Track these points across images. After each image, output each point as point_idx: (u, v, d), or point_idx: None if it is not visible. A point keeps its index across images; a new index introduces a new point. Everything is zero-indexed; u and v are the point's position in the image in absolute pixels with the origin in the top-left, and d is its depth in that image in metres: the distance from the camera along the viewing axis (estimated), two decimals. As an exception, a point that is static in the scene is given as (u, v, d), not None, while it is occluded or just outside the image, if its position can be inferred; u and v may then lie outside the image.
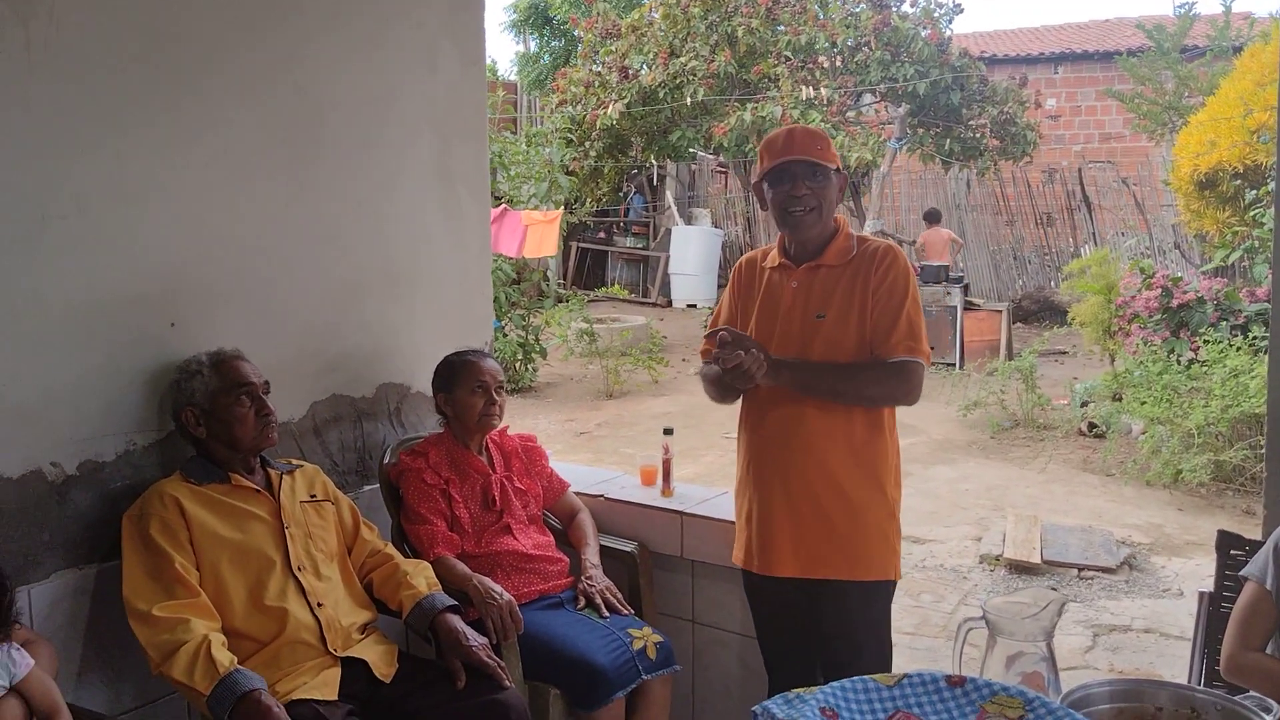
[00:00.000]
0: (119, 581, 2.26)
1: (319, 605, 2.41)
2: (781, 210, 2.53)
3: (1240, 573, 2.25)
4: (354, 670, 2.38)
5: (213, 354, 2.48)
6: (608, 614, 2.80)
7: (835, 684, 1.39)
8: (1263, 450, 6.38)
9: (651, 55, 12.90)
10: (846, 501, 2.50)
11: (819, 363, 2.50)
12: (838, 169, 2.54)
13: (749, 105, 12.12)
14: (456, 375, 2.92)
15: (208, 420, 2.43)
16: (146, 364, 2.46)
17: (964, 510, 6.54)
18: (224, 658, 2.14)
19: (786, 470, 2.53)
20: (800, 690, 1.39)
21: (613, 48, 13.42)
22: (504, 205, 10.82)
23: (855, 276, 2.53)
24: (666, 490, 3.22)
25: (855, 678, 1.42)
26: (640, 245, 17.34)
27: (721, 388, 2.61)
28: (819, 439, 2.50)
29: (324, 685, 2.30)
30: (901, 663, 2.66)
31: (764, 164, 2.54)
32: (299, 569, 2.42)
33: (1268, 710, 1.41)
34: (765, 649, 2.76)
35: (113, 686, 2.41)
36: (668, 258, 16.34)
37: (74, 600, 2.34)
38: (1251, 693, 1.73)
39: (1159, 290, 8.22)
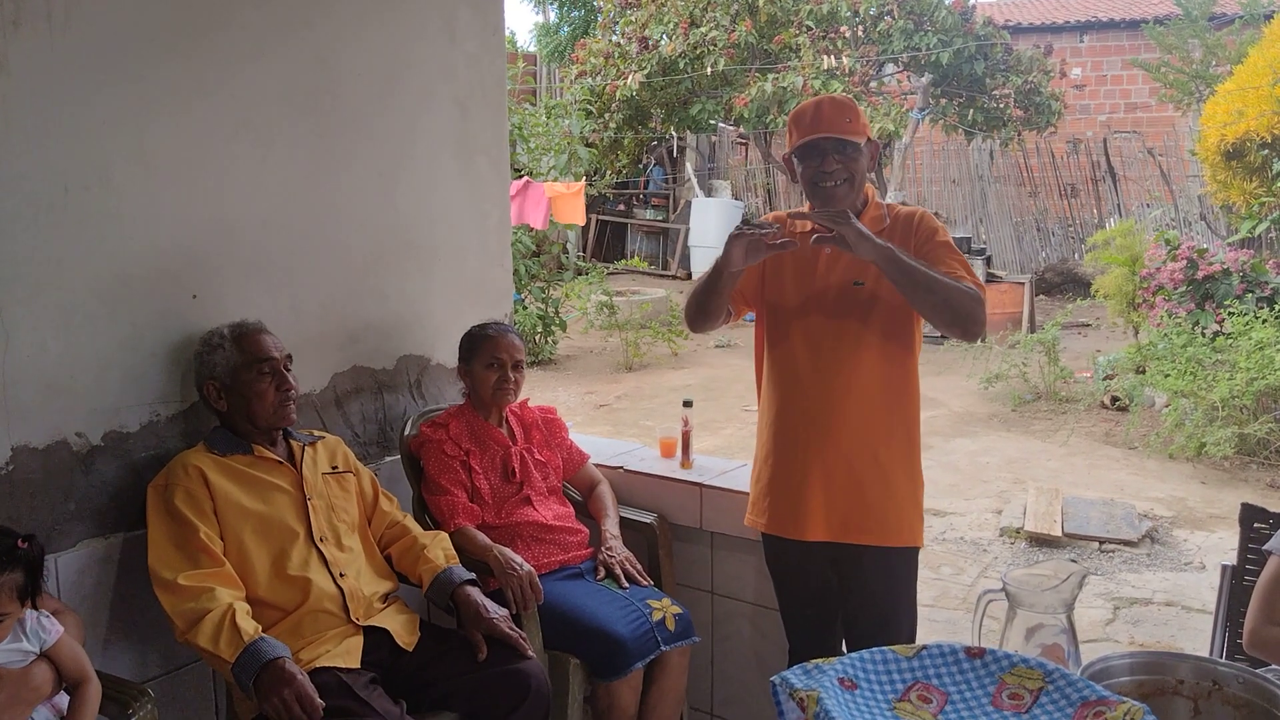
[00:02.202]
0: (144, 550, 2.29)
1: (341, 575, 2.43)
2: (812, 184, 2.50)
3: (1264, 547, 2.23)
4: (376, 639, 2.41)
5: (235, 326, 2.49)
6: (627, 585, 2.82)
7: (854, 655, 1.40)
8: (1288, 423, 6.35)
9: (671, 25, 12.79)
10: (879, 467, 2.50)
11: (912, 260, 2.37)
12: (868, 139, 2.50)
13: (770, 76, 12.02)
14: (475, 348, 2.93)
15: (228, 394, 2.45)
16: (169, 336, 2.48)
17: (984, 483, 6.52)
18: (248, 626, 2.17)
19: (820, 435, 2.51)
20: (819, 661, 1.39)
21: (632, 18, 13.33)
22: (526, 178, 10.80)
23: (890, 241, 2.46)
24: (686, 462, 3.22)
25: (874, 648, 1.42)
26: (660, 217, 17.28)
27: (709, 293, 2.52)
28: (852, 404, 2.49)
29: (347, 653, 2.33)
30: (921, 634, 2.66)
31: (793, 139, 2.51)
32: (321, 540, 2.44)
33: (1290, 683, 1.40)
34: (787, 616, 2.76)
35: (139, 653, 2.44)
36: (688, 230, 16.28)
37: (100, 569, 2.37)
38: (1274, 666, 1.73)
39: (1184, 262, 8.14)
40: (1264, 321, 7.14)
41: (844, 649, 2.64)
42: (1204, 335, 7.56)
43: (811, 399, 2.53)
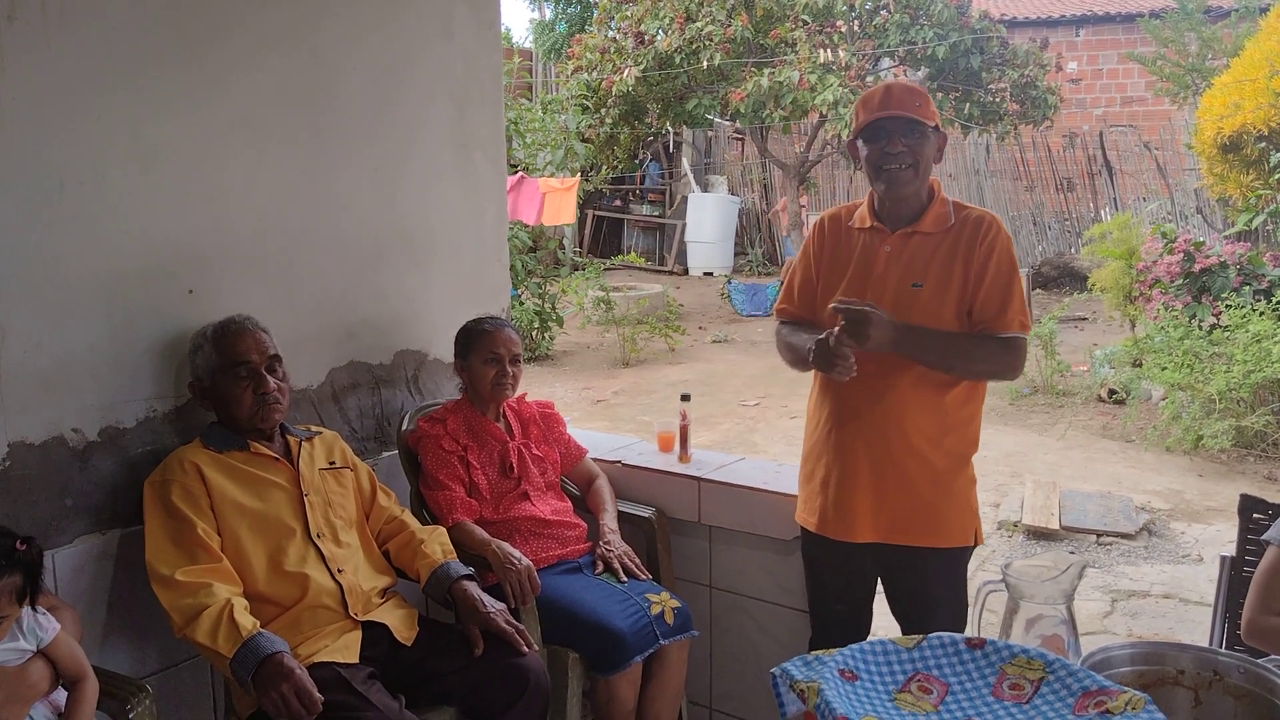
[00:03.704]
0: (142, 546, 2.28)
1: (339, 571, 2.43)
2: (875, 167, 2.43)
3: (1262, 537, 2.24)
4: (375, 634, 2.40)
5: (218, 326, 2.46)
6: (626, 579, 2.82)
7: (854, 646, 1.40)
8: (1285, 416, 6.35)
9: (667, 20, 12.76)
10: (932, 470, 2.45)
11: (936, 331, 2.40)
12: (936, 127, 2.43)
13: (766, 70, 12.01)
14: (472, 344, 2.93)
15: (210, 396, 2.45)
16: (165, 332, 2.47)
17: (983, 477, 6.46)
18: (246, 621, 2.16)
19: (872, 437, 2.46)
20: (819, 652, 1.39)
21: (628, 13, 13.30)
22: (520, 173, 10.79)
23: (956, 246, 2.44)
24: (684, 456, 3.22)
25: (874, 639, 1.42)
26: (656, 213, 17.28)
27: (801, 355, 2.52)
28: (908, 406, 2.44)
29: (345, 648, 2.32)
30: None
31: (859, 119, 2.44)
32: (318, 536, 2.44)
33: (1290, 673, 1.40)
34: (817, 610, 2.73)
35: (137, 649, 2.44)
36: (684, 225, 16.28)
37: (97, 564, 2.37)
38: (1273, 656, 1.73)
39: (1181, 255, 8.14)
40: (1261, 314, 7.14)
41: None
42: (1201, 328, 7.57)
43: (866, 399, 2.47)
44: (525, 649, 2.44)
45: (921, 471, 2.46)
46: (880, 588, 2.66)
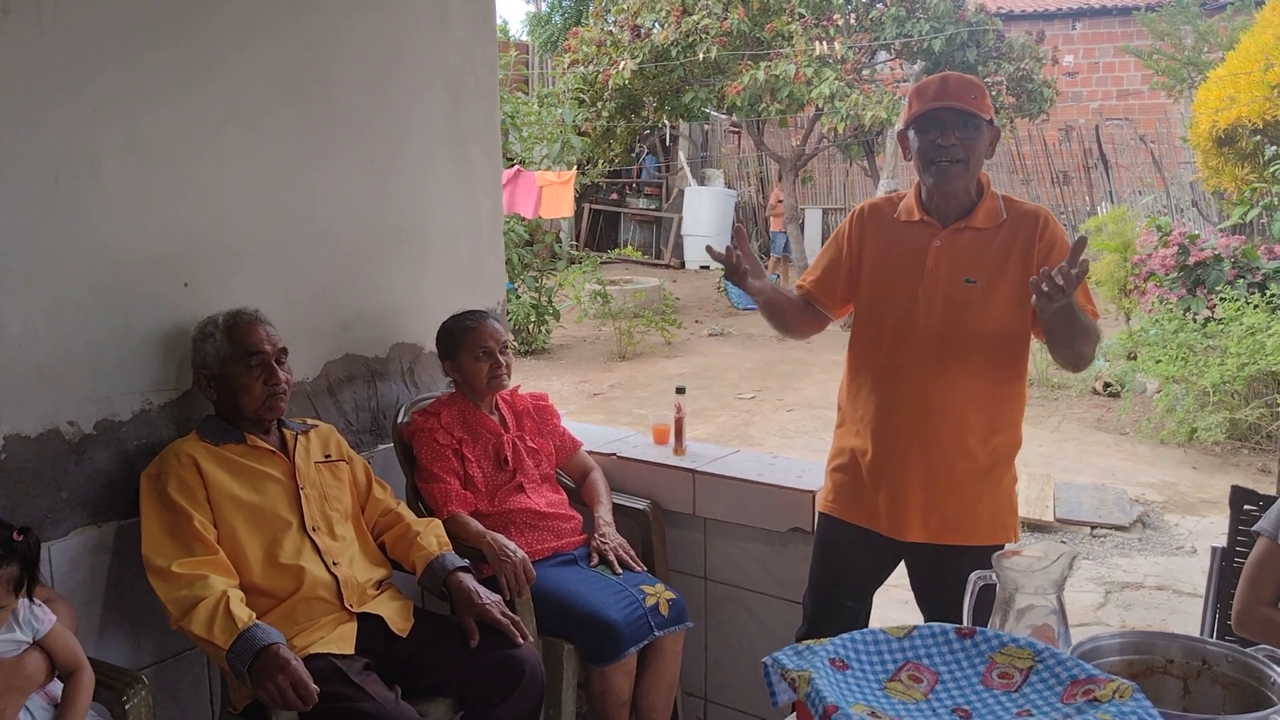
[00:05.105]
0: (138, 538, 2.29)
1: (335, 563, 2.43)
2: (926, 160, 2.36)
3: (1253, 528, 2.25)
4: (370, 625, 2.41)
5: (230, 315, 2.47)
6: (621, 571, 2.83)
7: (845, 635, 1.40)
8: (1278, 408, 6.37)
9: (664, 13, 12.73)
10: (980, 469, 2.41)
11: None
12: (990, 120, 2.36)
13: (762, 64, 11.99)
14: (458, 342, 2.92)
15: (217, 385, 2.44)
16: (161, 324, 2.47)
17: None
18: (242, 613, 2.17)
19: (926, 433, 2.40)
20: (810, 642, 1.40)
21: (624, 6, 13.27)
22: (517, 166, 10.79)
23: (1011, 242, 2.37)
24: (679, 449, 3.23)
25: (865, 629, 1.42)
26: (653, 206, 17.28)
27: (768, 317, 2.53)
28: (965, 402, 2.38)
29: (341, 640, 2.33)
30: (910, 618, 2.67)
31: (912, 109, 2.37)
32: (314, 529, 2.45)
33: (1279, 662, 1.41)
34: (821, 607, 2.65)
35: (133, 641, 2.45)
36: (681, 219, 16.28)
37: (94, 557, 2.37)
38: (1263, 645, 1.74)
39: (1176, 248, 8.15)
40: (1255, 307, 7.16)
41: None
42: (1195, 321, 7.58)
43: (915, 398, 2.41)
44: (520, 640, 2.45)
45: (971, 471, 2.41)
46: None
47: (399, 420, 2.97)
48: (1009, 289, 2.36)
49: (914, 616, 2.70)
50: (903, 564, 2.58)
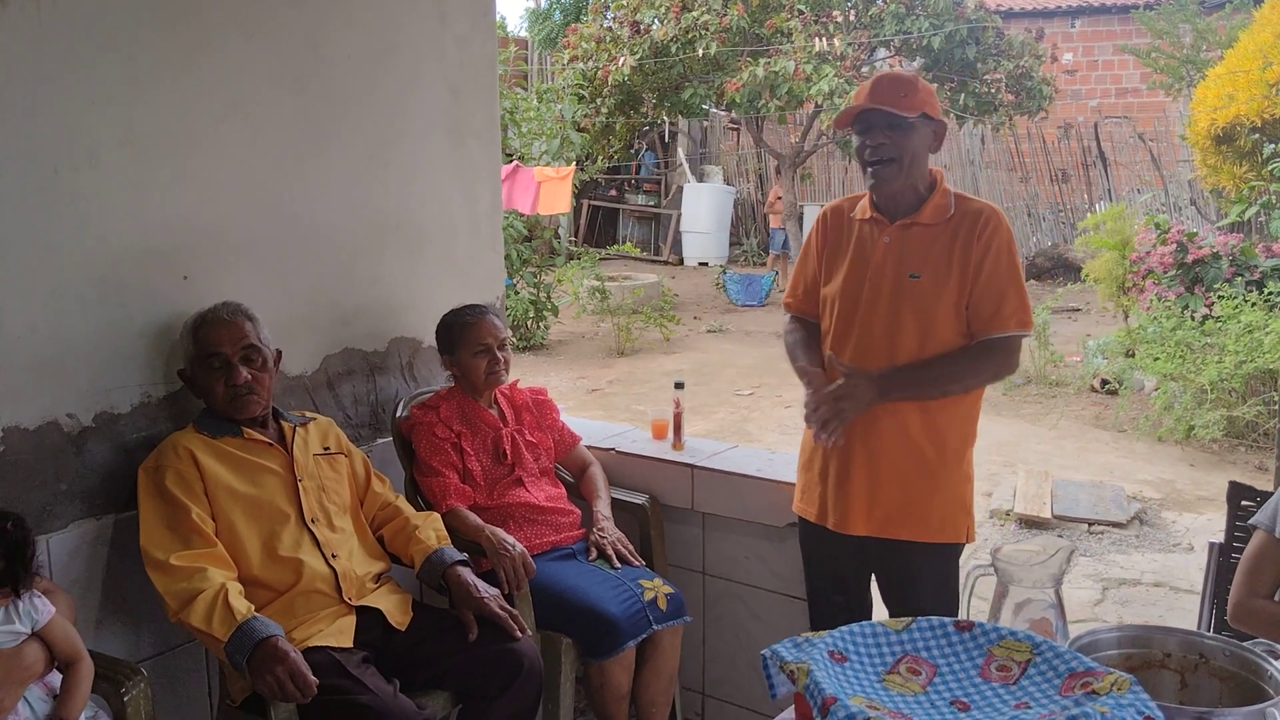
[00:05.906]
0: (136, 531, 2.29)
1: (333, 556, 2.44)
2: (861, 161, 2.45)
3: (1249, 521, 2.25)
4: (369, 619, 2.42)
5: (197, 316, 2.44)
6: (619, 565, 2.83)
7: (844, 628, 1.41)
8: (1276, 406, 6.38)
9: (663, 10, 12.73)
10: (926, 464, 2.45)
11: (924, 364, 2.41)
12: (926, 116, 2.39)
13: (761, 60, 11.99)
14: (457, 338, 2.92)
15: (190, 384, 2.46)
16: (160, 317, 2.47)
17: (975, 466, 6.52)
18: (241, 605, 2.17)
19: (869, 429, 2.44)
20: (809, 635, 1.40)
21: (624, 2, 13.26)
22: (516, 162, 10.78)
23: (954, 238, 2.41)
24: (678, 444, 3.23)
25: (864, 622, 1.43)
26: (652, 203, 17.27)
27: (819, 352, 2.56)
28: (904, 402, 2.43)
29: (339, 633, 2.33)
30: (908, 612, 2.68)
31: (849, 111, 2.44)
32: (312, 521, 2.45)
33: (1276, 656, 1.42)
34: (815, 601, 2.72)
35: (132, 633, 2.45)
36: (679, 215, 16.28)
37: (92, 549, 2.37)
38: (1260, 639, 1.75)
39: (1174, 246, 8.16)
40: (1253, 305, 7.16)
41: None
42: (1193, 319, 7.59)
43: None
44: (519, 634, 2.46)
45: (916, 465, 2.45)
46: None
47: (398, 414, 2.97)
48: (953, 284, 2.41)
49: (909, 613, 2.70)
50: None
